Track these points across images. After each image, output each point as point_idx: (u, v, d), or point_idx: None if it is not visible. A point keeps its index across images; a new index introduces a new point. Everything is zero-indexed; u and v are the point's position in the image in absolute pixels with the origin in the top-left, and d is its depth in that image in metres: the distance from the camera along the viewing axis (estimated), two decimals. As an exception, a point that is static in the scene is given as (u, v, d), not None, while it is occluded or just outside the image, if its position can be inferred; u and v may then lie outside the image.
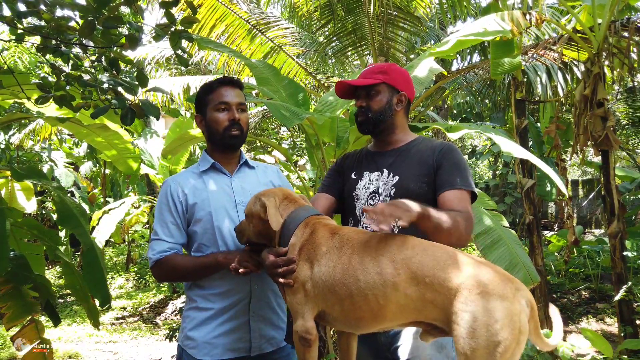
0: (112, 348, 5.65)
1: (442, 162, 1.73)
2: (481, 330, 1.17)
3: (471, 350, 1.17)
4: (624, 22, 4.16)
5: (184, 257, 1.83)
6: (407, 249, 1.35)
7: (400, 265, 1.32)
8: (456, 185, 1.68)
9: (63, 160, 9.33)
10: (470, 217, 1.63)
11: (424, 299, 1.28)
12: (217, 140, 1.90)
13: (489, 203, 3.34)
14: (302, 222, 1.56)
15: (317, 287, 1.44)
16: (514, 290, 1.23)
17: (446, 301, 1.24)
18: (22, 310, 2.49)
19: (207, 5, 5.19)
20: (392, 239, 1.41)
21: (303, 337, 1.45)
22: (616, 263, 4.17)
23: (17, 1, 1.67)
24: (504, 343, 1.16)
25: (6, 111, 5.33)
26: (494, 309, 1.18)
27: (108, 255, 10.61)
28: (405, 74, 1.90)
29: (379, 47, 5.44)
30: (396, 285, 1.31)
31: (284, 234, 1.58)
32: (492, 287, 1.21)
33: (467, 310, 1.20)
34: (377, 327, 1.42)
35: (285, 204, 1.64)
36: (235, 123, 1.86)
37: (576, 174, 14.85)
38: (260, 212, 1.61)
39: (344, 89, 1.89)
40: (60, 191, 2.87)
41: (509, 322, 1.18)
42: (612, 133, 4.09)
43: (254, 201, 1.66)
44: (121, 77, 1.87)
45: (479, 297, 1.20)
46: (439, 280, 1.26)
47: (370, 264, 1.37)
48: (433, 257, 1.32)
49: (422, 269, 1.30)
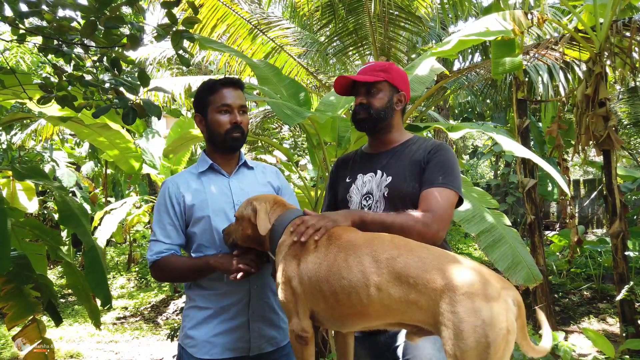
0: (113, 348, 5.66)
1: (430, 160, 1.73)
2: (469, 331, 1.16)
3: (460, 352, 1.16)
4: (625, 22, 4.15)
5: (178, 259, 1.84)
6: (392, 249, 1.35)
7: (384, 265, 1.32)
8: (436, 183, 1.66)
9: (65, 160, 9.33)
10: (441, 214, 1.60)
11: (407, 299, 1.27)
12: (218, 142, 1.90)
13: (491, 202, 3.33)
14: (290, 223, 1.59)
15: (303, 284, 1.44)
16: (500, 290, 1.21)
17: (431, 302, 1.23)
18: (23, 310, 2.49)
19: (209, 5, 5.19)
20: (380, 239, 1.42)
21: (299, 335, 1.46)
22: (618, 263, 4.17)
23: (19, 1, 1.67)
24: (493, 344, 1.15)
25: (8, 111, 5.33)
26: (480, 310, 1.17)
27: (109, 255, 10.61)
28: (404, 75, 1.90)
29: (380, 47, 5.44)
30: (379, 284, 1.30)
31: (273, 238, 1.61)
32: (477, 287, 1.20)
33: (453, 311, 1.19)
34: (362, 325, 1.42)
35: (274, 209, 1.66)
36: (237, 126, 1.87)
37: (578, 173, 14.82)
38: (251, 215, 1.63)
39: (344, 84, 1.88)
40: (62, 191, 2.87)
41: (496, 322, 1.16)
42: (614, 133, 4.09)
43: (246, 205, 1.68)
44: (123, 77, 1.87)
45: (464, 298, 1.19)
46: (423, 280, 1.25)
47: (354, 263, 1.36)
48: (418, 257, 1.30)
49: (406, 269, 1.28)
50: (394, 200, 1.72)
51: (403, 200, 1.71)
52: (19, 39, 1.77)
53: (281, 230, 1.59)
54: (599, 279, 6.56)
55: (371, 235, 1.46)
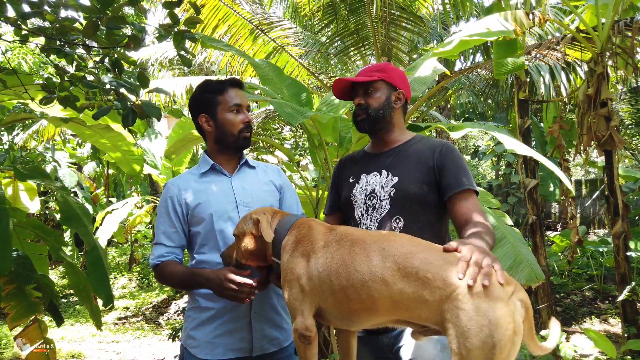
0: (115, 348, 5.67)
1: (445, 162, 1.72)
2: (475, 331, 1.16)
3: (466, 351, 1.16)
4: (627, 22, 4.14)
5: (177, 268, 1.82)
6: (401, 247, 1.35)
7: (393, 262, 1.32)
8: (464, 185, 1.68)
9: (66, 161, 9.36)
10: (490, 226, 1.61)
11: (416, 296, 1.27)
12: (228, 142, 1.90)
13: (492, 202, 3.33)
14: (291, 225, 1.60)
15: (312, 281, 1.44)
16: (508, 291, 1.21)
17: (439, 300, 1.23)
18: (25, 310, 2.50)
19: (210, 5, 5.19)
20: (388, 236, 1.43)
21: (303, 334, 1.46)
22: (620, 263, 4.16)
23: (21, 2, 1.68)
24: (499, 344, 1.15)
25: (10, 112, 5.34)
26: (488, 310, 1.17)
27: (111, 255, 10.63)
28: (402, 73, 1.90)
29: (381, 47, 5.44)
30: (387, 280, 1.31)
31: (275, 245, 1.60)
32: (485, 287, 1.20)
33: (460, 310, 1.19)
34: (369, 322, 1.42)
35: (274, 217, 1.67)
36: (249, 125, 1.90)
37: (579, 174, 14.81)
38: (252, 229, 1.62)
39: (341, 87, 1.89)
40: (64, 191, 2.88)
41: (503, 322, 1.16)
42: (616, 133, 4.08)
43: (244, 221, 1.67)
44: (124, 78, 1.87)
45: (472, 297, 1.19)
46: (431, 278, 1.25)
47: (363, 259, 1.37)
48: (427, 255, 1.31)
49: (414, 267, 1.29)
50: (400, 200, 1.72)
51: (409, 201, 1.71)
52: (22, 40, 1.77)
53: (284, 233, 1.59)
54: (601, 279, 6.55)
55: (379, 232, 1.47)
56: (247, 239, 1.63)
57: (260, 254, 1.64)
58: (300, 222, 1.61)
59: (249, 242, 1.63)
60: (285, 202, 2.01)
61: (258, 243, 1.62)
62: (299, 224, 1.60)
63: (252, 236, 1.63)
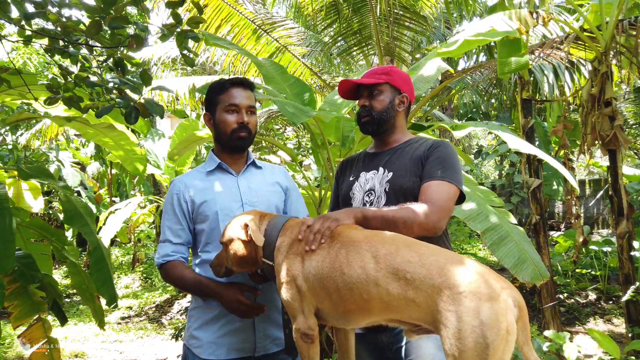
0: (118, 347, 5.68)
1: (430, 155, 1.75)
2: (467, 331, 1.15)
3: (459, 352, 1.15)
4: (631, 21, 4.12)
5: (185, 273, 1.82)
6: (391, 245, 1.35)
7: (383, 261, 1.32)
8: (435, 176, 1.68)
9: (70, 160, 9.38)
10: (440, 205, 1.61)
11: (405, 296, 1.26)
12: (224, 142, 1.92)
13: (495, 201, 3.31)
14: (282, 226, 1.60)
15: (308, 282, 1.44)
16: (500, 290, 1.20)
17: (429, 300, 1.22)
18: (29, 309, 2.50)
19: (213, 5, 5.20)
20: (380, 235, 1.43)
21: (305, 333, 1.46)
22: (624, 263, 4.14)
23: (25, 2, 1.68)
24: (492, 344, 1.13)
25: (14, 112, 5.36)
26: (479, 310, 1.16)
27: (114, 255, 10.65)
28: (407, 77, 1.92)
29: (384, 47, 5.43)
30: (377, 280, 1.31)
31: (267, 246, 1.59)
32: (476, 287, 1.19)
33: (451, 310, 1.18)
34: (366, 321, 1.42)
35: (262, 220, 1.65)
36: (244, 126, 1.88)
37: (583, 173, 14.75)
38: (240, 234, 1.60)
39: (347, 87, 1.91)
40: (67, 191, 2.88)
41: (495, 322, 1.15)
42: (620, 132, 4.06)
43: (231, 227, 1.64)
44: (127, 77, 1.87)
45: (463, 297, 1.18)
46: (420, 277, 1.24)
47: (355, 259, 1.37)
48: (417, 254, 1.30)
49: (403, 266, 1.28)
50: (394, 194, 1.75)
51: (403, 194, 1.73)
52: (26, 40, 1.78)
53: (275, 235, 1.58)
54: (605, 279, 6.52)
55: (372, 232, 1.47)
56: (236, 245, 1.61)
57: (250, 259, 1.62)
58: (293, 223, 1.60)
59: (238, 248, 1.60)
60: (291, 205, 2.01)
61: (248, 248, 1.60)
62: (292, 225, 1.59)
63: (241, 242, 1.60)
